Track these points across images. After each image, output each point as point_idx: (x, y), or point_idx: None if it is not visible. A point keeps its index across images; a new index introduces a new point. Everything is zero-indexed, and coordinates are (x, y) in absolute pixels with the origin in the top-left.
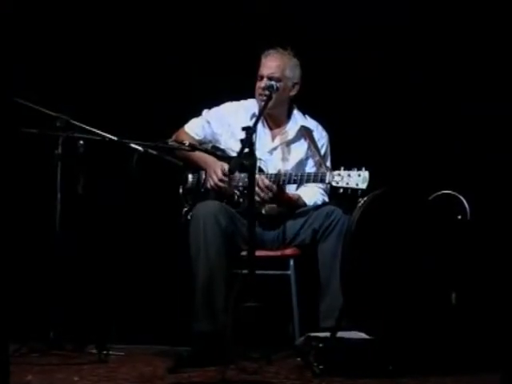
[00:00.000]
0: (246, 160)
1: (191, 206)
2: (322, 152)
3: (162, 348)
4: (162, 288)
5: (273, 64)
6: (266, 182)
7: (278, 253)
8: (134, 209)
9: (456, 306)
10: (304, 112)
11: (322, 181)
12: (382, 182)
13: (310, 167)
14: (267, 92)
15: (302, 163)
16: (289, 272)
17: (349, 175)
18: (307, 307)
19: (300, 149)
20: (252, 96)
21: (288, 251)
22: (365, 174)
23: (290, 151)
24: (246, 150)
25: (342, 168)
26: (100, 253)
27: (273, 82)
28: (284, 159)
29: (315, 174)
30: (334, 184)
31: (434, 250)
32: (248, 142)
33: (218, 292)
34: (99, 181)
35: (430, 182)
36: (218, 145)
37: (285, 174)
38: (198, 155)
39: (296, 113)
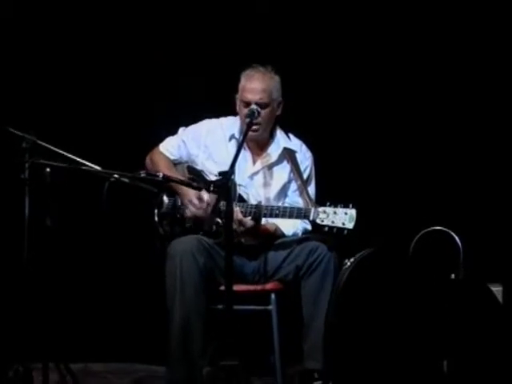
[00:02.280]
0: (222, 206)
1: (167, 231)
2: (306, 175)
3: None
4: (138, 319)
5: (258, 88)
6: (240, 216)
7: (259, 287)
8: (107, 237)
9: (448, 375)
10: (287, 131)
11: (306, 217)
12: (370, 217)
13: (293, 191)
14: (248, 120)
15: (284, 188)
16: (270, 307)
17: (335, 213)
18: (290, 344)
19: (283, 173)
20: (231, 113)
21: (269, 285)
22: (352, 212)
23: (272, 176)
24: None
25: (328, 204)
26: (72, 284)
27: (253, 107)
28: (266, 184)
29: (298, 210)
30: (318, 222)
31: (425, 313)
32: (224, 189)
33: (195, 335)
34: (69, 209)
35: (420, 219)
36: (194, 165)
37: (266, 208)
38: None
39: (279, 133)
